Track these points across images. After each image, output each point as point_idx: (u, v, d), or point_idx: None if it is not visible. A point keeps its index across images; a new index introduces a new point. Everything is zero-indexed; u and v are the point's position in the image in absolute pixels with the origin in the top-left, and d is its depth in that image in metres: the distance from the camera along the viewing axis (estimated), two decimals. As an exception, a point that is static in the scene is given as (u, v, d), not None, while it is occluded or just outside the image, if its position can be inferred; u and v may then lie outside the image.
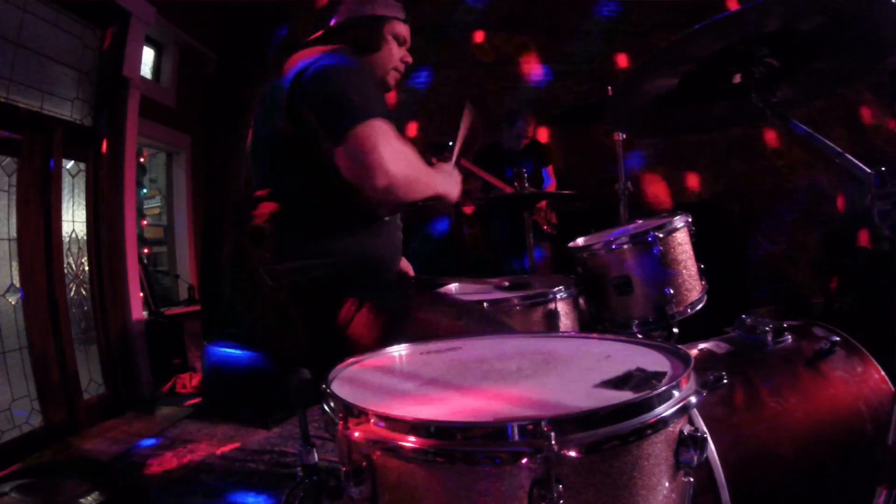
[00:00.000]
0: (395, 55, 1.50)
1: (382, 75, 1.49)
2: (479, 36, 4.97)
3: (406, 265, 1.69)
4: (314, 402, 1.20)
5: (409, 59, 1.53)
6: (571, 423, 0.61)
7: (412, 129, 4.87)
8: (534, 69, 5.00)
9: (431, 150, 1.61)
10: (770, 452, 1.16)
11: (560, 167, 4.08)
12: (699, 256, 1.69)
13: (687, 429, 0.69)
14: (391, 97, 4.55)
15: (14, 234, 2.89)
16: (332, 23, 1.47)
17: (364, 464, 0.67)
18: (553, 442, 0.58)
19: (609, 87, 2.57)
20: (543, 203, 3.52)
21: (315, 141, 1.24)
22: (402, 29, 1.50)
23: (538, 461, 0.59)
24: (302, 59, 1.30)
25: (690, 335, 1.54)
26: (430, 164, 1.42)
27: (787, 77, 1.16)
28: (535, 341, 1.06)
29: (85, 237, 3.45)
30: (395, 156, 1.17)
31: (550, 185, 3.86)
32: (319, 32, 1.47)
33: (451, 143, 1.59)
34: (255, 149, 1.41)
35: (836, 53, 1.10)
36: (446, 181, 1.40)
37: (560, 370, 0.86)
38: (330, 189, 1.25)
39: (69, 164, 3.35)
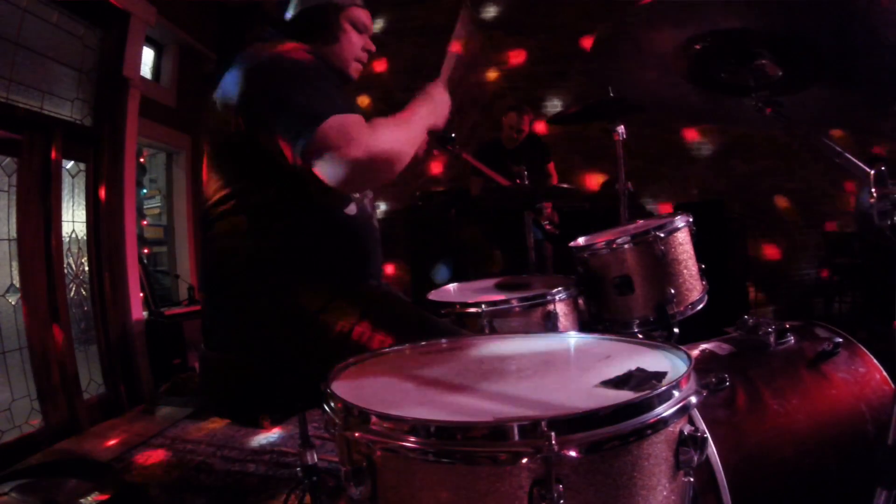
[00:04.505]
0: (356, 44, 1.37)
1: (343, 67, 1.37)
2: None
3: None
4: (311, 406, 1.18)
5: (372, 48, 1.41)
6: (571, 423, 0.61)
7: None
8: (533, 69, 5.00)
9: (436, 142, 1.48)
10: (771, 454, 1.16)
11: (560, 166, 4.08)
12: (699, 256, 1.69)
13: (687, 429, 0.69)
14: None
15: (14, 234, 2.88)
16: (287, 16, 1.34)
17: (364, 464, 0.67)
18: (553, 442, 0.58)
19: (609, 87, 2.57)
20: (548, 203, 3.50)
21: (272, 142, 1.14)
22: (362, 15, 1.37)
23: (538, 461, 0.59)
24: (250, 59, 1.21)
25: (691, 335, 1.54)
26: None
27: (787, 77, 1.16)
28: (535, 341, 1.06)
29: (85, 237, 3.44)
30: (364, 136, 1.06)
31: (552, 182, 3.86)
32: (269, 27, 1.35)
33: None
34: (211, 157, 1.30)
35: (836, 55, 1.10)
36: (427, 112, 1.27)
37: (560, 370, 0.86)
38: (295, 191, 1.17)
39: (69, 164, 3.35)
